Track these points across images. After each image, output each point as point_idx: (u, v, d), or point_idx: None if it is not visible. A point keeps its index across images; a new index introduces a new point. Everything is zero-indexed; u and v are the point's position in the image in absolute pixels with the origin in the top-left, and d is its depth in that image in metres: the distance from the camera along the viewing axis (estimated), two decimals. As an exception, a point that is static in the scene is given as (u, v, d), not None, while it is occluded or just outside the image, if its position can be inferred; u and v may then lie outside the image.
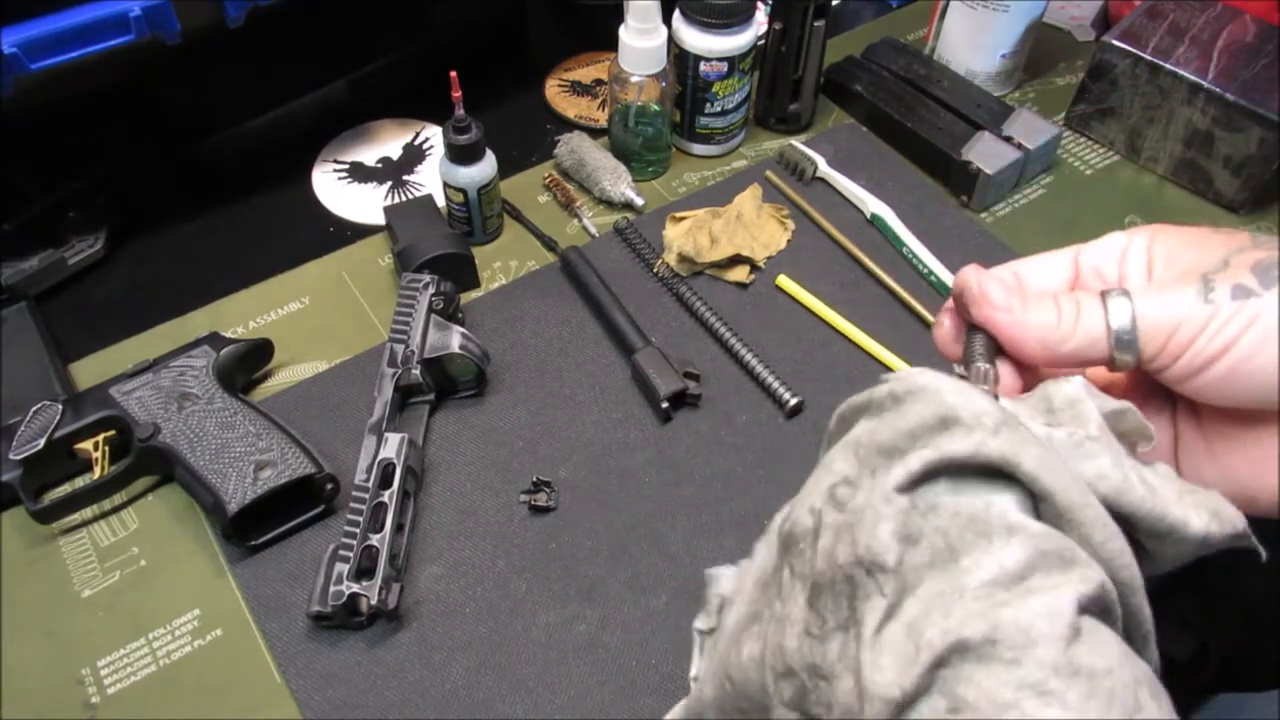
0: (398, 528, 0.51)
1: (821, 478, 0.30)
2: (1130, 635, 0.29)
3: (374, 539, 0.49)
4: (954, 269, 0.65)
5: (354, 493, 0.51)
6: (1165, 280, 0.31)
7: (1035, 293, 0.32)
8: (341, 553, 0.49)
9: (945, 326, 0.35)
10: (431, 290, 0.59)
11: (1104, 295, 0.31)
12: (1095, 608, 0.26)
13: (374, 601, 0.48)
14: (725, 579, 0.37)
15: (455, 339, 0.57)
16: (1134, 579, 0.28)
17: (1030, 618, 0.25)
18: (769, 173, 0.72)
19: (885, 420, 0.30)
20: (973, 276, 0.33)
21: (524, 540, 0.53)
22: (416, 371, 0.56)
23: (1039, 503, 0.28)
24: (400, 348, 0.57)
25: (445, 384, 0.59)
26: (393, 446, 0.52)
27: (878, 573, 0.27)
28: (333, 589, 0.48)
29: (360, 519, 0.50)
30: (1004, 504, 0.28)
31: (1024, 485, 0.28)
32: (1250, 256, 0.30)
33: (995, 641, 0.25)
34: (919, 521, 0.28)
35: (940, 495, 0.28)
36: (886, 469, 0.28)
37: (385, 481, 0.51)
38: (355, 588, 0.48)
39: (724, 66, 0.68)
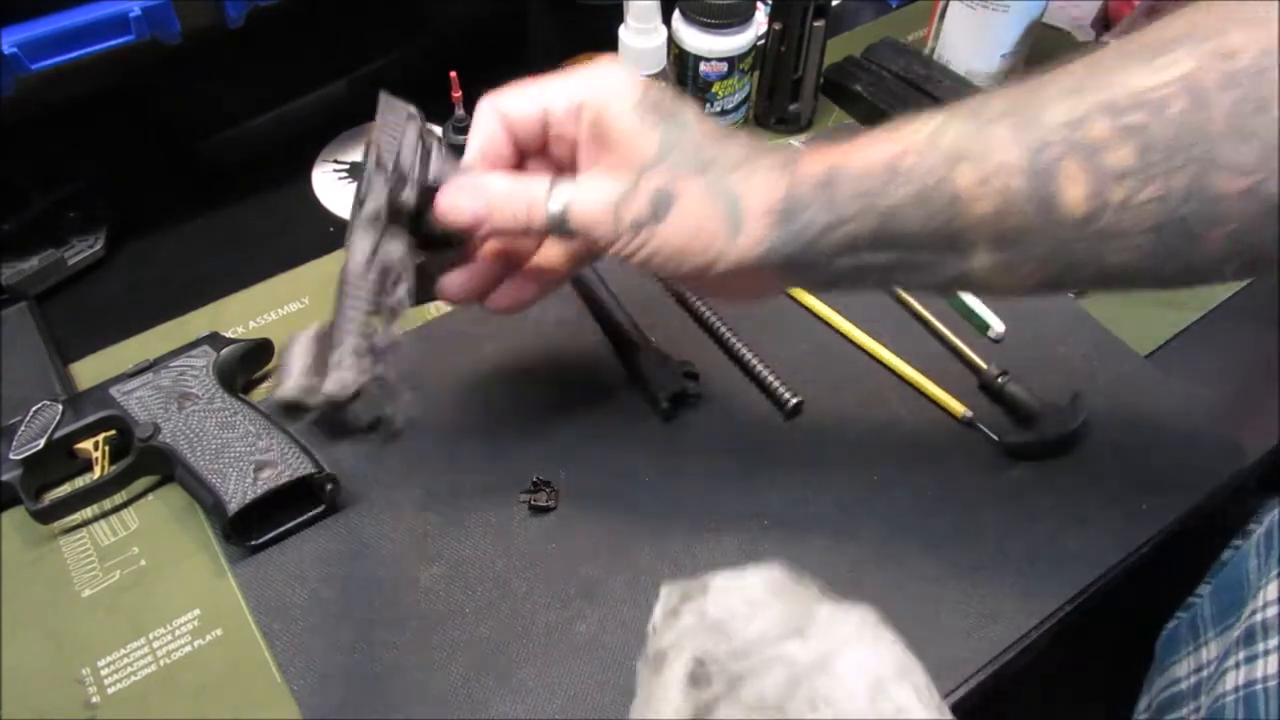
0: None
1: None
2: None
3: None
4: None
5: (350, 287, 0.43)
6: (590, 187, 0.42)
7: (498, 192, 0.43)
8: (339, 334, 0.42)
9: None
10: (419, 124, 0.47)
11: (550, 187, 0.42)
12: None
13: (381, 375, 0.41)
14: None
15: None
16: None
17: None
18: (769, 173, 0.72)
19: None
20: (452, 202, 0.44)
21: (524, 540, 0.53)
22: (411, 195, 0.44)
23: None
24: (390, 159, 0.44)
25: (428, 240, 0.46)
26: (398, 249, 0.44)
27: None
28: (343, 370, 0.41)
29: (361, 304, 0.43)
30: None
31: None
32: (651, 181, 0.40)
33: None
34: None
35: None
36: None
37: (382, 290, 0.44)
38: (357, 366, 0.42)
39: (724, 66, 0.68)
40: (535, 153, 0.45)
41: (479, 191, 0.43)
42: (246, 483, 0.51)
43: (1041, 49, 0.80)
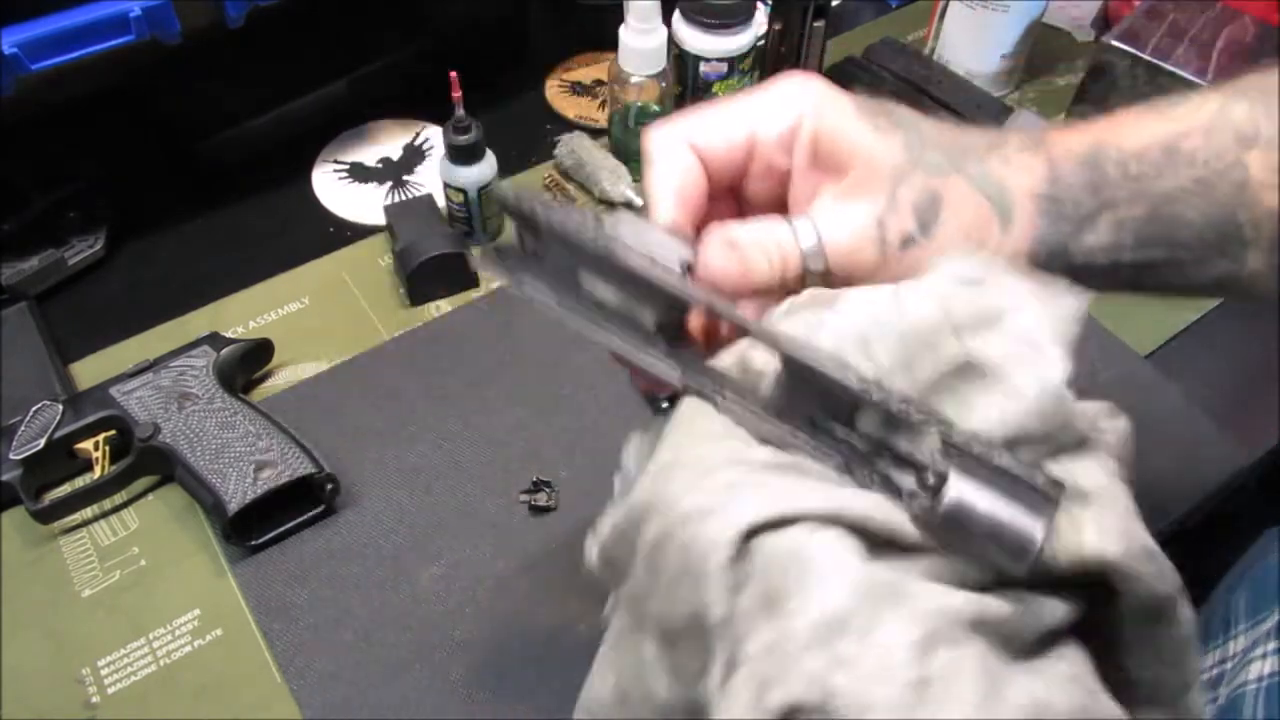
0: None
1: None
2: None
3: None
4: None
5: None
6: (839, 214, 0.34)
7: (751, 251, 0.33)
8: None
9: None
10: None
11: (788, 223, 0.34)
12: (945, 635, 0.25)
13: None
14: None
15: None
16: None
17: (862, 684, 0.24)
18: (769, 173, 0.72)
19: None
20: (715, 262, 0.34)
21: (524, 540, 0.53)
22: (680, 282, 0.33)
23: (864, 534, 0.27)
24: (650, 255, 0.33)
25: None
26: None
27: (712, 626, 0.27)
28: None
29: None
30: (822, 541, 0.27)
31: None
32: (911, 188, 0.33)
33: (834, 704, 0.24)
34: (744, 568, 0.27)
35: (763, 538, 0.27)
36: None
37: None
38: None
39: (724, 67, 0.68)
40: (722, 194, 0.37)
41: (730, 246, 0.33)
42: (246, 483, 0.51)
43: (1041, 49, 0.80)
